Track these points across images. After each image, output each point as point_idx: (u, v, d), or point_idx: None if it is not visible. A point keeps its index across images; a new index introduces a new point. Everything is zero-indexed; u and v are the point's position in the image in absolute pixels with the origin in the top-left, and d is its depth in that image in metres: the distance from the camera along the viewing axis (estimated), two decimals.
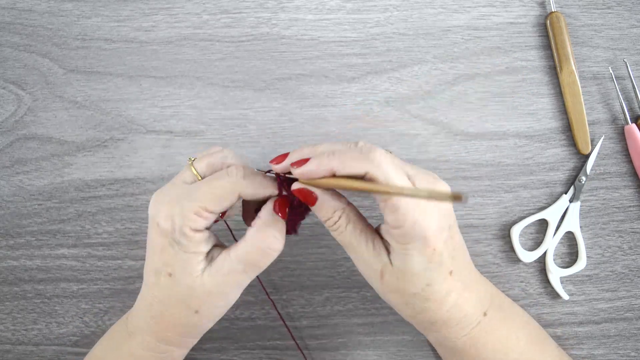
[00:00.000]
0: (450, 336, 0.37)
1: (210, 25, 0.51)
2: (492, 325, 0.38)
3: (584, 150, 0.49)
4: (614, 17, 0.52)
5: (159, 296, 0.35)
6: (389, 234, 0.33)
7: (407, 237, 0.32)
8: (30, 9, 0.51)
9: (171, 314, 0.35)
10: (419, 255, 0.33)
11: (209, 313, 0.36)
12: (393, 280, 0.34)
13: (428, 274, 0.34)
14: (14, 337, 0.47)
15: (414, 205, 0.32)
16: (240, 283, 0.36)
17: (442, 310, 0.35)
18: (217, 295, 0.35)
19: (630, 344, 0.47)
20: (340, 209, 0.35)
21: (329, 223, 0.35)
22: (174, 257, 0.34)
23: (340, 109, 0.50)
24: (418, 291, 0.34)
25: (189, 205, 0.33)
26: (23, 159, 0.49)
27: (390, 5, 0.51)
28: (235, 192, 0.34)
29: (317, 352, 0.47)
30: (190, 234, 0.33)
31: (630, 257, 0.48)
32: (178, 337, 0.37)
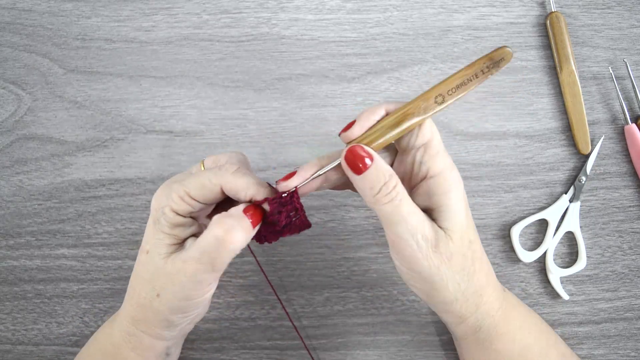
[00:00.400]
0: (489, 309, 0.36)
1: (210, 25, 0.51)
2: (513, 300, 0.39)
3: (584, 150, 0.49)
4: (614, 17, 0.52)
5: (135, 271, 0.36)
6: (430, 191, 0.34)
7: (448, 184, 0.33)
8: (30, 9, 0.51)
9: (138, 292, 0.35)
10: (461, 206, 0.34)
11: (168, 300, 0.35)
12: (447, 244, 0.34)
13: (469, 230, 0.35)
14: (14, 337, 0.47)
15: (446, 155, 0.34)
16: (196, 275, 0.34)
17: (483, 273, 0.36)
18: (175, 281, 0.34)
19: (630, 344, 0.47)
20: (393, 172, 0.33)
21: (384, 191, 0.32)
22: (152, 235, 0.34)
23: (340, 109, 0.50)
24: (466, 250, 0.34)
25: (176, 187, 0.34)
26: (23, 159, 0.49)
27: (390, 5, 0.51)
28: (218, 184, 0.34)
29: (317, 352, 0.47)
30: (169, 214, 0.33)
31: (630, 257, 0.48)
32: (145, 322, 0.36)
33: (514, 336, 0.37)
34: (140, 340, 0.37)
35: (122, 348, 0.37)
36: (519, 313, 0.39)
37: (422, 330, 0.47)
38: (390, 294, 0.47)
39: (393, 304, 0.47)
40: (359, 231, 0.48)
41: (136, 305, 0.36)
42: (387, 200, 0.32)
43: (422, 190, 0.34)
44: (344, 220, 0.48)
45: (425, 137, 0.33)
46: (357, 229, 0.48)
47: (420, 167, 0.34)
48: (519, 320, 0.38)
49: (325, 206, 0.48)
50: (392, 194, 0.32)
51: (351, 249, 0.48)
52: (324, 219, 0.48)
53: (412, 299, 0.47)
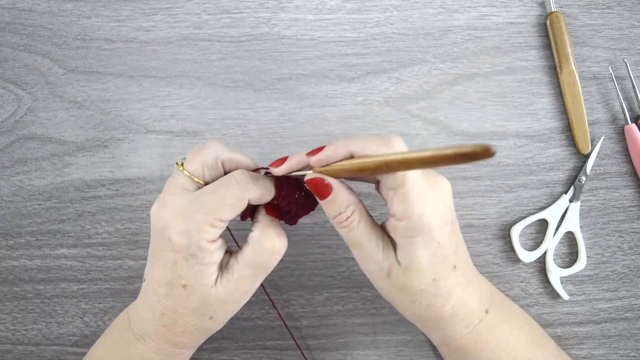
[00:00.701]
0: (454, 334, 0.37)
1: (210, 25, 0.51)
2: (494, 323, 0.38)
3: (584, 150, 0.49)
4: (614, 17, 0.52)
5: (171, 306, 0.35)
6: (395, 229, 0.33)
7: (413, 230, 0.32)
8: (30, 9, 0.51)
9: (185, 321, 0.35)
10: (425, 249, 0.33)
11: (223, 317, 0.37)
12: (400, 277, 0.34)
13: (434, 268, 0.34)
14: (14, 337, 0.47)
15: (423, 197, 0.32)
16: (251, 288, 0.36)
17: (448, 307, 0.35)
18: (230, 301, 0.36)
19: (630, 344, 0.47)
20: (353, 203, 0.34)
21: (340, 219, 0.34)
22: (189, 270, 0.33)
23: (340, 109, 0.50)
24: (425, 287, 0.34)
25: (203, 218, 0.33)
26: (23, 159, 0.49)
27: (390, 5, 0.51)
28: (245, 198, 0.34)
29: (317, 352, 0.47)
30: (206, 247, 0.33)
31: (630, 257, 0.48)
32: (191, 341, 0.38)
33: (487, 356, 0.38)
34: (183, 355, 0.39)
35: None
36: (498, 334, 0.38)
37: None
38: None
39: None
40: None
41: (183, 333, 0.36)
42: (341, 227, 0.34)
43: (389, 224, 0.34)
44: None
45: (395, 182, 0.32)
46: None
47: (390, 205, 0.33)
48: (496, 342, 0.38)
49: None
50: (345, 223, 0.34)
51: None
52: (323, 219, 0.48)
53: None
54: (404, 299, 0.36)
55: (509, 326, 0.39)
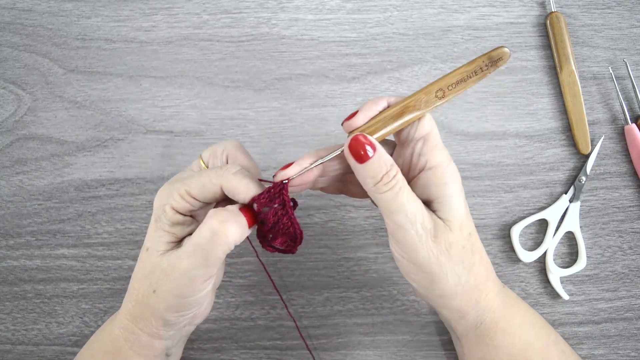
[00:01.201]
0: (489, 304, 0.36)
1: (210, 25, 0.51)
2: (513, 296, 0.39)
3: (584, 150, 0.49)
4: (614, 17, 0.52)
5: (135, 270, 0.36)
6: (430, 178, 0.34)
7: (448, 174, 0.34)
8: (30, 9, 0.51)
9: (137, 288, 0.36)
10: (459, 198, 0.34)
11: (164, 297, 0.34)
12: (446, 235, 0.34)
13: (468, 221, 0.35)
14: (14, 337, 0.47)
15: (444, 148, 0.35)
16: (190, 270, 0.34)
17: (482, 267, 0.36)
18: (171, 278, 0.34)
19: (630, 344, 0.47)
20: (394, 163, 0.34)
21: (384, 180, 0.33)
22: (152, 233, 0.35)
23: (340, 109, 0.50)
24: (465, 242, 0.35)
25: (178, 186, 0.34)
26: (23, 159, 0.49)
27: (390, 5, 0.51)
28: (218, 184, 0.34)
29: (317, 352, 0.47)
30: (169, 212, 0.34)
31: (630, 257, 0.48)
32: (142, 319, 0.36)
33: (514, 332, 0.37)
34: (139, 338, 0.36)
35: (121, 346, 0.37)
36: (520, 309, 0.39)
37: (422, 330, 0.47)
38: (390, 294, 0.47)
39: (393, 304, 0.47)
40: (359, 231, 0.48)
41: (135, 302, 0.36)
42: (387, 189, 0.33)
43: (420, 182, 0.35)
44: (344, 220, 0.48)
45: (424, 130, 0.34)
46: (357, 229, 0.48)
47: (419, 159, 0.34)
48: (520, 317, 0.38)
49: (325, 206, 0.48)
50: (392, 183, 0.33)
51: (351, 249, 0.48)
52: (324, 219, 0.48)
53: (412, 299, 0.47)
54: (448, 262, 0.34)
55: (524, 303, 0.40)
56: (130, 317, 0.37)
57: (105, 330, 0.39)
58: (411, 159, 0.35)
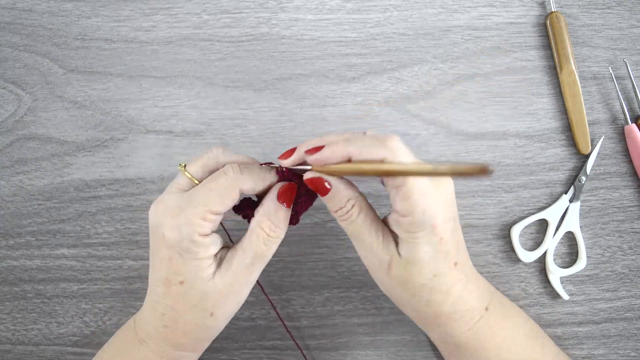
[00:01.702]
0: (454, 331, 0.37)
1: (210, 25, 0.51)
2: (494, 320, 0.38)
3: (584, 150, 0.49)
4: (614, 17, 0.52)
5: (171, 305, 0.35)
6: (398, 223, 0.33)
7: (416, 226, 0.32)
8: (30, 9, 0.51)
9: (186, 320, 0.35)
10: (427, 244, 0.33)
11: (223, 313, 0.36)
12: (401, 271, 0.34)
13: (435, 263, 0.34)
14: (14, 337, 0.47)
15: (424, 194, 0.32)
16: (250, 278, 0.36)
17: (447, 303, 0.35)
18: (230, 294, 0.35)
19: (630, 344, 0.47)
20: (353, 197, 0.34)
21: (340, 213, 0.35)
22: (184, 266, 0.34)
23: (340, 109, 0.50)
24: (425, 282, 0.34)
25: (194, 211, 0.33)
26: (23, 159, 0.49)
27: (390, 5, 0.51)
28: (235, 188, 0.34)
29: (317, 352, 0.47)
30: (199, 240, 0.33)
31: (630, 257, 0.48)
32: (193, 342, 0.37)
33: (487, 354, 0.38)
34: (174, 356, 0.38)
35: None
36: (498, 332, 0.38)
37: (423, 330, 0.47)
38: None
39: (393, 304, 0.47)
40: None
41: (184, 333, 0.36)
42: (342, 219, 0.35)
43: (391, 218, 0.35)
44: None
45: (396, 182, 0.32)
46: None
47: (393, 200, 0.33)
48: (495, 339, 0.38)
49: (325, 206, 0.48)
50: (346, 216, 0.35)
51: (351, 249, 0.48)
52: (324, 219, 0.48)
53: None
54: (403, 294, 0.36)
55: (509, 324, 0.39)
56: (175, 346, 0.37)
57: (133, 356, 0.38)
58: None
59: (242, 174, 0.34)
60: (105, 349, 0.41)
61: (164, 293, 0.35)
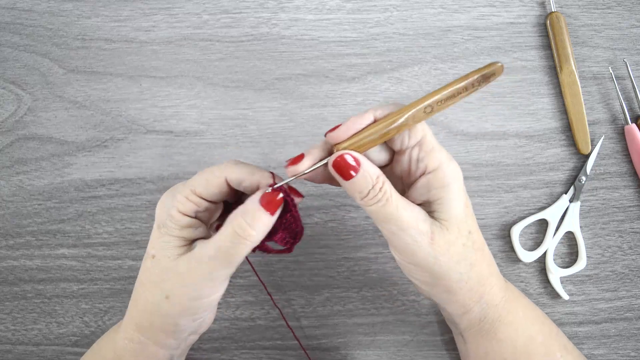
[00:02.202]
0: (492, 299, 0.36)
1: (210, 25, 0.51)
2: (515, 291, 0.39)
3: (584, 150, 0.49)
4: (614, 17, 0.52)
5: (140, 278, 0.36)
6: (428, 183, 0.34)
7: (447, 176, 0.33)
8: (30, 9, 0.51)
9: (145, 297, 0.35)
10: (458, 197, 0.34)
11: (179, 302, 0.34)
12: (444, 235, 0.34)
13: (467, 220, 0.35)
14: (14, 337, 0.47)
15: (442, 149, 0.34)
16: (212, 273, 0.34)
17: (485, 264, 0.36)
18: (188, 281, 0.34)
19: (630, 344, 0.47)
20: (381, 174, 0.33)
21: (371, 194, 0.33)
22: (158, 239, 0.34)
23: (340, 109, 0.50)
24: (465, 241, 0.34)
25: (180, 188, 0.34)
26: (23, 159, 0.49)
27: (390, 5, 0.51)
28: (222, 175, 0.34)
29: (317, 352, 0.47)
30: (176, 216, 0.34)
31: (630, 257, 0.48)
32: (151, 328, 0.36)
33: (517, 326, 0.38)
34: (144, 347, 0.36)
35: (124, 357, 0.36)
36: (522, 304, 0.39)
37: (422, 330, 0.47)
38: (390, 294, 0.47)
39: (393, 304, 0.47)
40: (359, 231, 0.48)
41: (142, 312, 0.35)
42: (374, 202, 0.33)
43: (420, 184, 0.35)
44: (344, 220, 0.48)
45: (417, 136, 0.33)
46: (357, 229, 0.48)
47: (417, 165, 0.34)
48: (522, 311, 0.38)
49: (325, 206, 0.48)
50: (379, 196, 0.33)
51: (351, 249, 0.48)
52: (324, 219, 0.48)
53: (412, 299, 0.47)
54: (449, 262, 0.34)
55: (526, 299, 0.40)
56: (136, 327, 0.36)
57: (106, 339, 0.39)
58: (409, 166, 0.35)
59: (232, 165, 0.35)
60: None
61: (141, 267, 0.36)
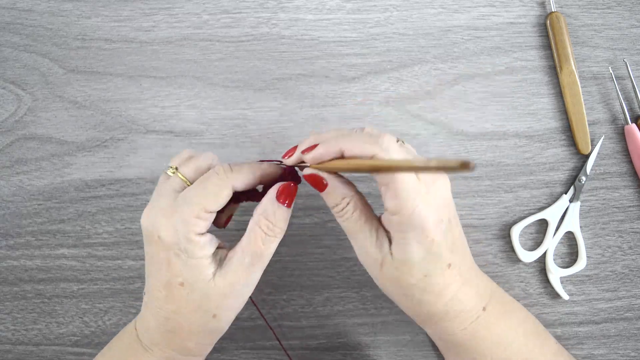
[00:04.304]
0: (448, 330, 0.37)
1: (210, 25, 0.51)
2: (492, 319, 0.38)
3: (584, 150, 0.49)
4: (614, 17, 0.52)
5: (173, 308, 0.35)
6: (389, 222, 0.34)
7: (406, 225, 0.32)
8: (30, 9, 0.51)
9: (189, 323, 0.35)
10: (417, 245, 0.33)
11: (226, 315, 0.36)
12: (392, 270, 0.34)
13: (426, 265, 0.34)
14: (14, 337, 0.47)
15: (415, 194, 0.32)
16: (250, 278, 0.36)
17: (440, 304, 0.35)
18: (231, 295, 0.35)
19: (630, 344, 0.47)
20: (349, 196, 0.35)
21: (336, 209, 0.35)
22: (183, 266, 0.34)
23: (340, 109, 0.50)
24: (416, 282, 0.34)
25: (189, 210, 0.33)
26: (23, 159, 0.49)
27: (390, 5, 0.51)
28: (228, 186, 0.34)
29: (317, 352, 0.47)
30: (196, 239, 0.33)
31: (630, 257, 0.48)
32: (198, 345, 0.37)
33: (483, 352, 0.38)
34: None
35: None
36: (496, 331, 0.38)
37: (422, 330, 0.47)
38: None
39: (393, 304, 0.47)
40: None
41: (191, 335, 0.36)
42: (338, 216, 0.36)
43: (383, 217, 0.35)
44: None
45: (386, 179, 0.32)
46: None
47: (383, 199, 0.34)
48: (492, 339, 0.38)
49: (325, 206, 0.48)
50: (342, 213, 0.35)
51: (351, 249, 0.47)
52: (324, 219, 0.48)
53: None
54: (396, 292, 0.36)
55: (508, 323, 0.39)
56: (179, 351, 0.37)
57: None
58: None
59: (232, 172, 0.35)
60: (105, 352, 0.40)
61: (166, 297, 0.35)
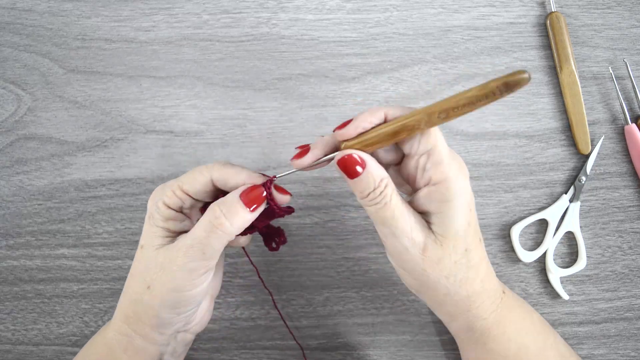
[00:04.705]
0: (483, 313, 0.36)
1: (210, 25, 0.51)
2: (511, 303, 0.38)
3: (584, 150, 0.49)
4: (614, 17, 0.52)
5: (131, 271, 0.37)
6: (431, 195, 0.33)
7: (450, 193, 0.32)
8: (30, 9, 0.51)
9: (131, 286, 0.36)
10: (460, 215, 0.33)
11: (159, 292, 0.34)
12: (436, 249, 0.33)
13: (466, 238, 0.34)
14: (14, 337, 0.47)
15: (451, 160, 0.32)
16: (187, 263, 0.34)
17: (478, 280, 0.35)
18: (166, 270, 0.34)
19: (630, 344, 0.47)
20: (386, 176, 0.33)
21: (372, 195, 0.33)
22: (146, 230, 0.36)
23: (340, 109, 0.50)
24: (458, 258, 0.34)
25: (170, 183, 0.36)
26: (23, 159, 0.49)
27: (390, 5, 0.51)
28: (208, 175, 0.35)
29: (317, 352, 0.47)
30: (161, 208, 0.35)
31: (630, 257, 0.48)
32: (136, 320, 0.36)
33: (509, 337, 0.37)
34: (132, 341, 0.36)
35: (114, 350, 0.37)
36: (517, 315, 0.38)
37: (422, 330, 0.47)
38: (390, 294, 0.47)
39: (393, 304, 0.47)
40: (359, 231, 0.48)
41: (128, 302, 0.36)
42: (373, 204, 0.33)
43: (423, 194, 0.34)
44: (344, 220, 0.48)
45: (428, 145, 0.32)
46: (357, 229, 0.48)
47: (423, 174, 0.33)
48: (516, 322, 0.38)
49: (325, 206, 0.48)
50: (379, 198, 0.33)
51: (351, 249, 0.48)
52: (324, 219, 0.48)
53: (412, 299, 0.47)
54: (437, 276, 0.34)
55: (523, 309, 0.40)
56: (123, 318, 0.36)
57: (100, 334, 0.39)
58: (416, 172, 0.34)
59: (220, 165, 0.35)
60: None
61: (134, 258, 0.37)
